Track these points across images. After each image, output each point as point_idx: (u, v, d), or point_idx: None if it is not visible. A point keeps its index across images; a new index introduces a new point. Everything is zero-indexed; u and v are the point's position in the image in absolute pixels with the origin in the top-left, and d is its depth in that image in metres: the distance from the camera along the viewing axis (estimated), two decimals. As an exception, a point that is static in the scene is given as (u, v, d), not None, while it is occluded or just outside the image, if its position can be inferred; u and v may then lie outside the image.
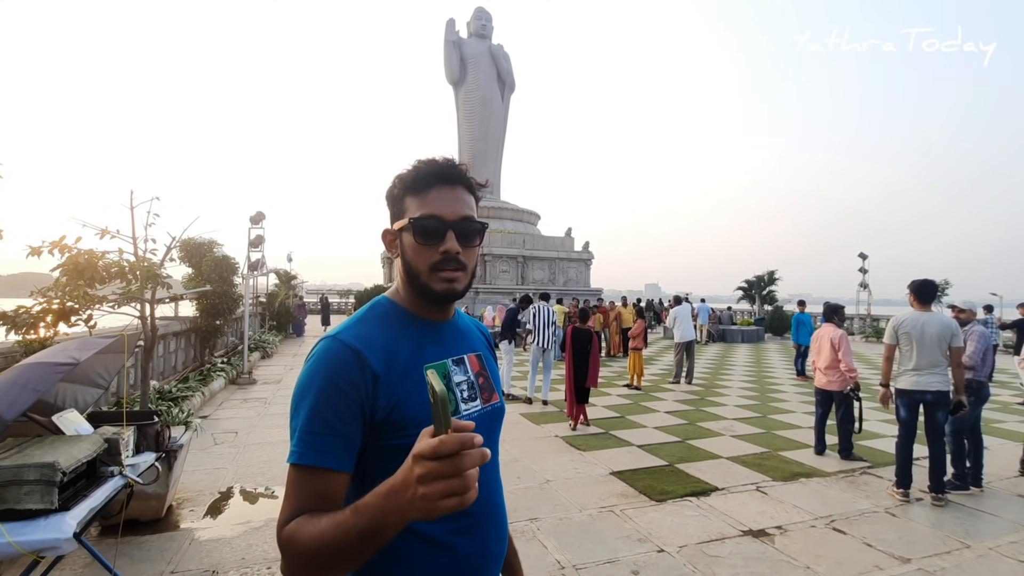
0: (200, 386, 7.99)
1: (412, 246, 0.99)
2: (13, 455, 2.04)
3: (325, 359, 0.92)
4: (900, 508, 4.25)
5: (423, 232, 0.97)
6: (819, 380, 5.75)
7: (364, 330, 0.97)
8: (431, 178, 0.99)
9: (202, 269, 9.58)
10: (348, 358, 0.91)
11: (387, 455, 0.91)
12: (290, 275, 23.03)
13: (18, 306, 3.40)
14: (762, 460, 5.46)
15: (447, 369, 1.02)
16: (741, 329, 21.23)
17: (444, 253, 0.97)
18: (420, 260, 0.99)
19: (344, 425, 0.88)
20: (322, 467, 0.87)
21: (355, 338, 0.94)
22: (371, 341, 0.95)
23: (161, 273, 3.80)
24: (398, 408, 0.92)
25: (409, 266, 1.01)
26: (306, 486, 0.86)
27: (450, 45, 31.84)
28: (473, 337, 1.15)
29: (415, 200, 0.99)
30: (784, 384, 10.55)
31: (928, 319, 4.44)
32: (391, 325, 1.00)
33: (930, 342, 4.35)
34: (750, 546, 3.58)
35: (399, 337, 0.99)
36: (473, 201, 1.05)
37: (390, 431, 0.92)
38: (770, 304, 26.80)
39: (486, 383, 1.10)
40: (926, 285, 4.54)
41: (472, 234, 1.01)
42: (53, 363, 2.12)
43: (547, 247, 28.05)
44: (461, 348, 1.08)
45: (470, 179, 1.05)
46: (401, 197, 1.01)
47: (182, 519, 3.94)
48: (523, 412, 7.62)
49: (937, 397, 4.34)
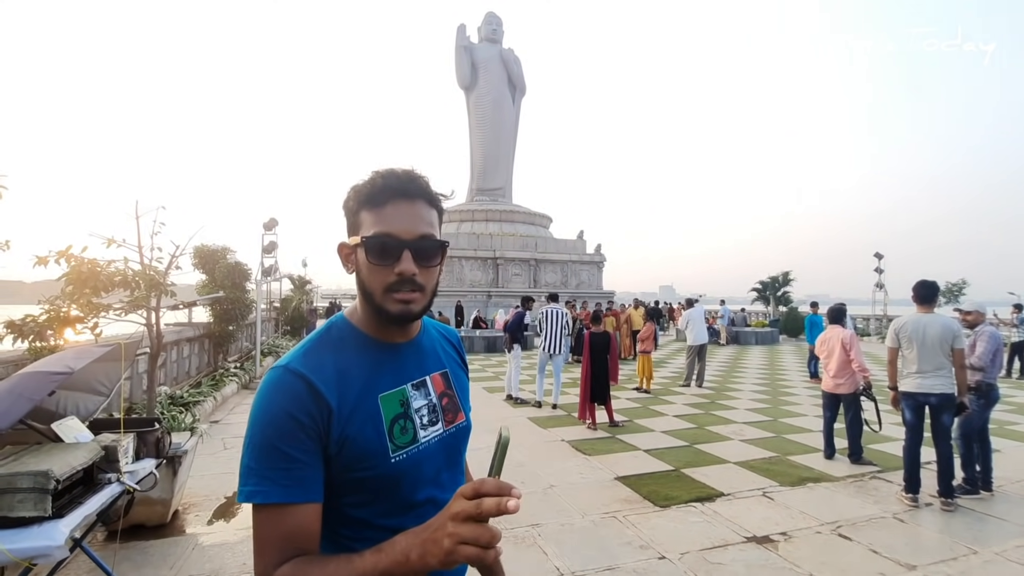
0: (212, 391, 8.10)
1: (366, 265, 0.93)
2: (9, 463, 2.08)
3: (277, 390, 0.87)
4: (908, 513, 4.15)
5: (377, 251, 0.92)
6: (827, 384, 5.65)
7: (315, 358, 0.92)
8: (388, 192, 0.93)
9: (215, 275, 9.73)
10: (300, 389, 0.87)
11: (352, 487, 0.90)
12: (304, 280, 23.31)
13: (25, 315, 3.49)
14: (770, 465, 5.38)
15: (405, 396, 0.98)
16: (755, 331, 20.96)
17: (399, 275, 0.91)
18: (374, 280, 0.93)
19: (303, 454, 0.84)
20: (292, 502, 0.83)
21: (305, 366, 0.89)
22: (323, 371, 0.90)
23: (165, 281, 3.86)
24: (348, 444, 0.88)
25: (363, 285, 0.95)
26: (280, 526, 0.82)
27: (461, 50, 32.03)
28: (438, 354, 1.10)
29: (370, 215, 0.93)
30: (797, 387, 10.38)
31: (929, 321, 4.37)
32: (345, 351, 0.95)
33: (931, 344, 4.28)
34: (753, 553, 3.53)
35: (352, 365, 0.94)
36: (435, 216, 0.99)
37: (347, 465, 0.89)
38: (785, 305, 26.42)
39: (450, 403, 1.06)
40: (925, 286, 4.46)
41: (431, 254, 0.95)
42: (48, 372, 2.17)
43: (559, 250, 28.01)
44: (423, 369, 1.04)
45: (432, 192, 0.98)
46: (356, 211, 0.95)
47: (188, 524, 4.00)
48: (531, 416, 7.60)
49: (941, 400, 4.26)
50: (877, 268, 23.16)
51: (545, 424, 7.16)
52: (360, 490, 0.91)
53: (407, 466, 0.93)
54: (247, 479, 0.84)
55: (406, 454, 0.94)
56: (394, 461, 0.92)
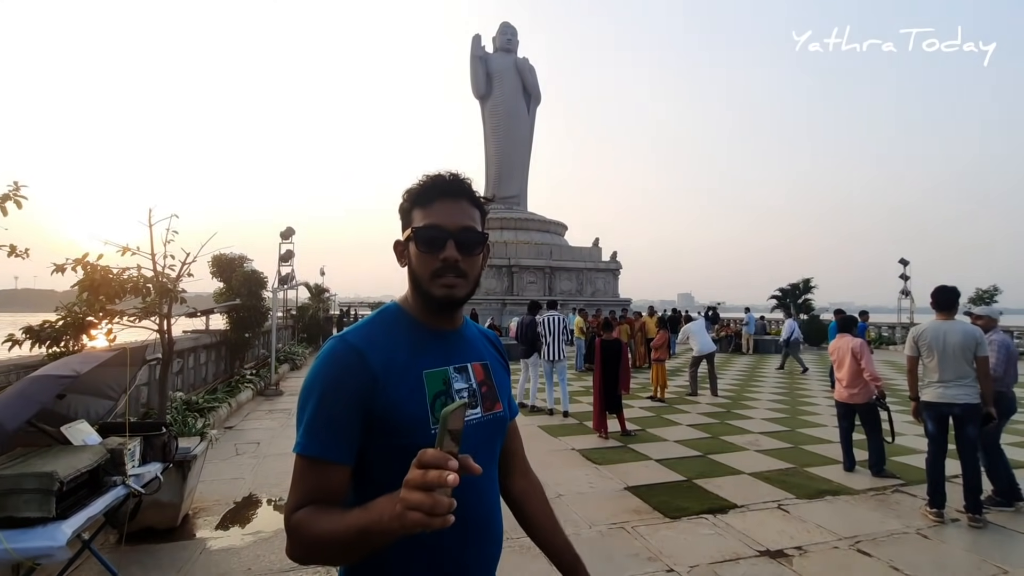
0: (227, 397, 8.22)
1: (416, 254, 1.05)
2: (17, 464, 2.12)
3: (331, 357, 0.99)
4: (933, 529, 3.99)
5: (425, 240, 1.03)
6: (840, 394, 5.50)
7: (369, 332, 1.04)
8: (435, 191, 1.06)
9: (232, 283, 9.91)
10: (351, 357, 0.98)
11: (386, 456, 0.98)
12: (322, 289, 23.61)
13: (43, 320, 3.58)
14: (786, 476, 5.24)
15: (447, 375, 1.06)
16: (775, 339, 20.57)
17: (444, 260, 1.02)
18: (422, 267, 1.04)
19: (347, 420, 0.95)
20: (325, 459, 0.94)
21: (360, 339, 1.01)
22: (373, 343, 1.01)
23: (175, 288, 3.93)
24: (392, 411, 0.97)
25: (413, 273, 1.07)
26: (311, 476, 0.94)
27: (476, 60, 32.33)
28: (480, 347, 1.19)
29: (420, 212, 1.05)
30: (816, 396, 10.13)
31: (949, 328, 4.19)
32: (395, 330, 1.06)
33: (953, 353, 4.11)
34: (766, 567, 3.42)
35: (400, 342, 1.04)
36: (477, 214, 1.10)
37: (386, 432, 0.97)
38: (806, 313, 25.91)
39: (489, 392, 1.13)
40: (944, 291, 4.29)
41: (472, 243, 1.05)
42: (55, 375, 2.22)
43: (574, 258, 27.92)
44: (465, 357, 1.12)
45: (474, 192, 1.10)
46: (408, 210, 1.08)
47: (197, 528, 4.03)
48: (542, 424, 7.54)
49: (965, 411, 4.08)
50: (903, 275, 22.63)
51: (556, 432, 7.09)
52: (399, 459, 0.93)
53: None
54: (298, 431, 0.97)
55: None
56: (434, 432, 0.97)
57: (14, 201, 3.19)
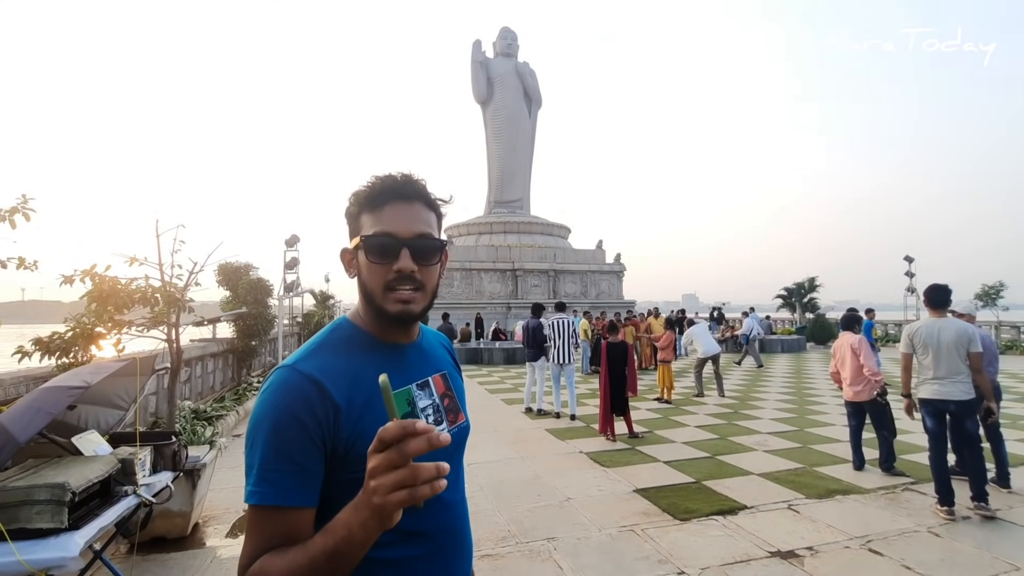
0: (235, 405, 8.24)
1: (366, 265, 0.96)
2: (29, 475, 2.14)
3: (282, 391, 0.87)
4: (944, 527, 3.96)
5: (376, 250, 0.94)
6: (846, 392, 5.47)
7: (323, 359, 0.93)
8: (386, 194, 0.97)
9: (238, 292, 9.96)
10: (307, 389, 0.87)
11: (349, 490, 0.89)
12: (327, 295, 23.64)
13: (52, 332, 3.61)
14: (796, 476, 5.21)
15: (411, 395, 1.00)
16: (781, 339, 20.48)
17: (398, 272, 0.94)
18: (374, 280, 0.95)
19: (305, 458, 0.85)
20: (287, 505, 0.84)
21: (314, 368, 0.90)
22: (331, 371, 0.91)
23: (183, 298, 3.96)
24: (357, 442, 0.88)
25: (364, 286, 0.98)
26: (270, 526, 0.83)
27: (477, 66, 32.44)
28: (437, 356, 1.12)
29: (370, 217, 0.96)
30: (824, 395, 10.07)
31: (943, 325, 4.31)
32: (352, 351, 0.96)
33: (947, 349, 4.22)
34: (777, 568, 3.40)
35: (361, 364, 0.94)
36: (434, 218, 1.01)
37: (353, 463, 0.87)
38: (811, 312, 25.78)
39: (451, 403, 1.08)
40: (937, 290, 4.41)
41: (429, 252, 0.97)
42: (66, 386, 2.24)
43: (578, 260, 27.90)
44: (425, 370, 1.06)
45: (429, 195, 1.01)
46: (357, 215, 0.99)
47: (207, 536, 4.04)
48: (549, 428, 7.53)
49: (961, 407, 4.18)
50: (908, 272, 22.49)
51: (563, 436, 7.07)
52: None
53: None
54: (249, 478, 0.85)
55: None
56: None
57: (22, 214, 3.22)
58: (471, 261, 25.34)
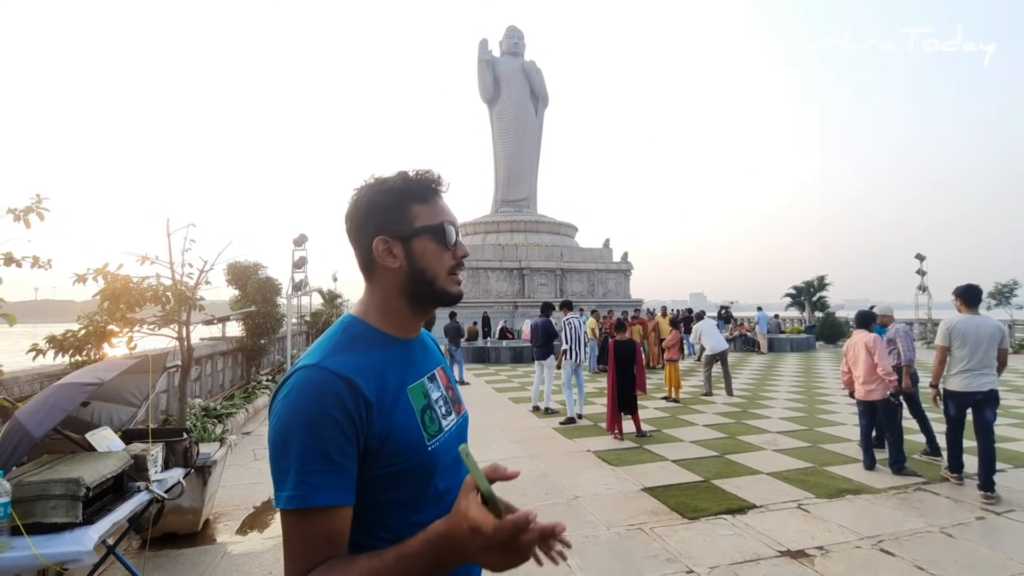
0: (244, 403, 8.30)
1: (432, 252, 1.00)
2: (44, 471, 2.17)
3: (312, 390, 0.85)
4: (957, 528, 3.92)
5: (447, 237, 1.01)
6: (859, 391, 5.43)
7: (348, 356, 0.92)
8: (433, 188, 1.04)
9: (247, 291, 10.03)
10: (338, 387, 0.85)
11: (376, 485, 0.89)
12: (335, 295, 23.74)
13: (66, 330, 3.65)
14: (806, 476, 5.17)
15: (425, 387, 1.02)
16: (790, 338, 20.33)
17: (462, 257, 1.04)
18: (439, 264, 1.01)
19: (343, 456, 0.84)
20: (332, 506, 0.82)
21: (342, 365, 0.88)
22: (359, 367, 0.90)
23: (193, 296, 3.99)
24: (392, 435, 0.89)
25: (422, 273, 0.99)
26: (313, 531, 0.81)
27: (483, 65, 32.46)
28: (434, 350, 1.17)
29: (424, 208, 1.01)
30: (834, 395, 9.99)
31: (981, 322, 4.70)
32: (371, 348, 0.96)
33: (986, 344, 4.57)
34: (787, 568, 3.38)
35: (383, 361, 0.95)
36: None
37: (382, 460, 0.88)
38: (821, 311, 25.57)
39: (454, 394, 1.12)
40: (972, 289, 4.83)
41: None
42: (79, 383, 2.26)
43: (585, 259, 27.86)
44: (430, 364, 1.09)
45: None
46: (401, 205, 1.00)
47: (218, 533, 4.08)
48: (556, 427, 7.53)
49: (986, 396, 4.54)
50: (919, 270, 22.25)
51: (571, 434, 7.07)
52: (397, 485, 0.92)
53: (440, 454, 0.98)
54: (284, 483, 0.82)
55: (438, 442, 0.98)
56: (431, 449, 0.96)
57: (36, 213, 3.26)
58: (478, 260, 25.36)
